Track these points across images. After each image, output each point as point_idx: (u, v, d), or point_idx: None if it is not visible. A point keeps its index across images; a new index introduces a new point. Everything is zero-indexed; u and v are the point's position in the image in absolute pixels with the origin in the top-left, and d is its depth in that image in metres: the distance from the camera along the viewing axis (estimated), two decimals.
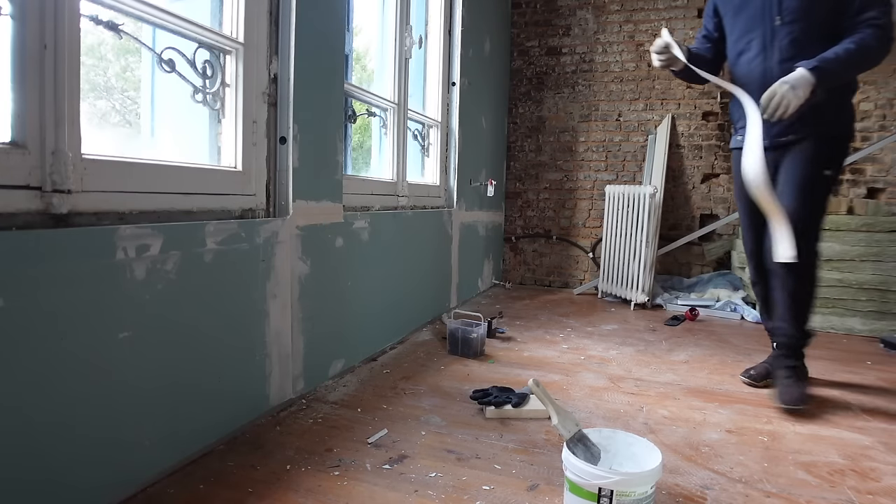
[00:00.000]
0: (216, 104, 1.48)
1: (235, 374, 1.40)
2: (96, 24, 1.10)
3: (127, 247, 1.07)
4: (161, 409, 1.18)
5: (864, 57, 1.61)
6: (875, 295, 2.81)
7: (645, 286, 3.27)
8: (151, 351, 1.14)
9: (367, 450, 1.37)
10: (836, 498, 1.22)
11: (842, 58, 1.59)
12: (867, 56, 1.62)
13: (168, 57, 1.31)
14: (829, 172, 1.73)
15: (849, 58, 1.59)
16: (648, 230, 3.25)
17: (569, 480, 1.05)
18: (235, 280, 1.38)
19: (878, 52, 1.62)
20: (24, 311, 0.89)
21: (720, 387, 1.94)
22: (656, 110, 3.73)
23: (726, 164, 3.61)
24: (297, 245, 1.63)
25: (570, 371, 2.06)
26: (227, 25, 1.49)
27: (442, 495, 1.17)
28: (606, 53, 3.80)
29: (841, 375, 2.12)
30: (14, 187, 0.93)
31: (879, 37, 1.60)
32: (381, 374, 1.96)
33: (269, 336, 1.51)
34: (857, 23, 1.62)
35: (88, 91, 1.41)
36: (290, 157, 1.59)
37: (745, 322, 3.06)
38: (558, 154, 3.96)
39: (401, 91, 2.48)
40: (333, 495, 1.16)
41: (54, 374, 0.95)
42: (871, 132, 3.32)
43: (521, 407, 1.60)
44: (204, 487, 1.17)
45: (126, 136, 1.59)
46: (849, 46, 1.59)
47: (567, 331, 2.71)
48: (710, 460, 1.38)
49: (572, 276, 4.00)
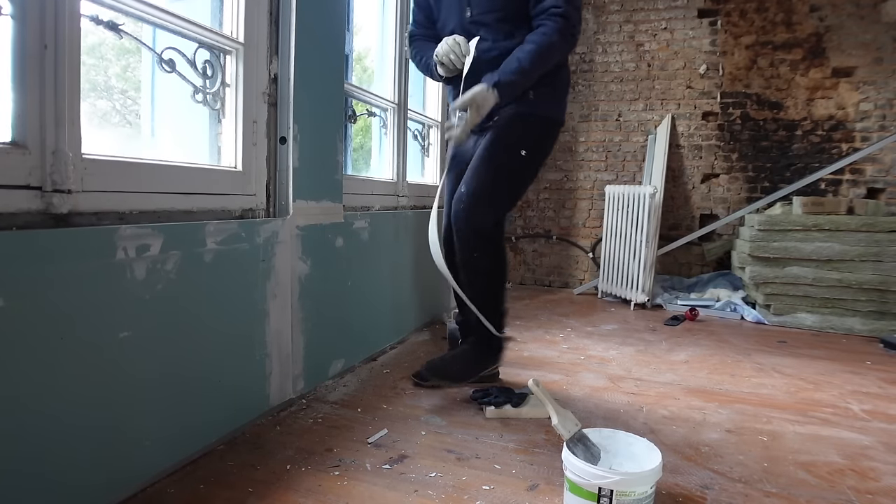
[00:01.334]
0: (216, 104, 1.48)
1: (235, 374, 1.40)
2: (97, 24, 1.10)
3: (127, 247, 1.07)
4: (161, 409, 1.18)
5: (546, 55, 1.57)
6: (875, 295, 2.81)
7: (645, 286, 3.27)
8: (151, 351, 1.14)
9: (367, 450, 1.37)
10: (836, 498, 1.22)
11: (524, 64, 1.55)
12: (550, 53, 1.57)
13: (168, 57, 1.31)
14: (524, 153, 1.69)
15: (531, 60, 1.55)
16: (648, 230, 3.25)
17: (569, 480, 1.05)
18: (235, 280, 1.38)
19: (562, 45, 1.58)
20: (24, 311, 0.89)
21: (720, 387, 1.94)
22: (656, 110, 3.73)
23: (726, 164, 3.62)
24: (298, 245, 1.63)
25: (570, 371, 2.07)
26: (228, 25, 1.49)
27: (442, 495, 1.17)
28: (606, 53, 3.80)
29: (841, 375, 2.12)
30: (14, 187, 0.93)
31: (561, 29, 1.55)
32: (381, 373, 1.96)
33: (269, 336, 1.51)
34: (539, 13, 1.57)
35: (89, 91, 1.41)
36: (290, 157, 1.59)
37: (745, 322, 3.06)
38: (558, 154, 3.96)
39: (401, 91, 2.48)
40: (333, 495, 1.16)
41: (54, 374, 0.95)
42: (871, 132, 3.32)
43: (521, 407, 1.60)
44: (204, 487, 1.17)
45: (126, 136, 1.59)
46: (530, 48, 1.55)
47: (567, 331, 2.71)
48: (709, 460, 1.38)
49: (572, 276, 4.00)
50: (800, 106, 3.44)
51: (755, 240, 3.01)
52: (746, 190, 3.58)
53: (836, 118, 3.38)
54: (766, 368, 2.18)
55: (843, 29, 3.33)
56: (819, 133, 3.42)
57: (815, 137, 3.43)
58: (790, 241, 2.95)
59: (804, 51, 3.41)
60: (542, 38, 1.55)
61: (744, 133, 3.57)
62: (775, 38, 3.46)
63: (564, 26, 1.55)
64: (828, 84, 3.38)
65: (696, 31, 3.62)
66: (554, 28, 1.54)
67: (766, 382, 2.00)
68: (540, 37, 1.55)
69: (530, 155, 1.71)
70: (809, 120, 3.43)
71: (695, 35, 3.62)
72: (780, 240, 2.97)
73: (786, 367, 2.20)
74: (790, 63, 3.44)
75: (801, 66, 3.42)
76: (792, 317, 2.97)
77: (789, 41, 3.43)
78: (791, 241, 2.94)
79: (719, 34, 3.56)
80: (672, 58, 3.67)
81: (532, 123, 1.71)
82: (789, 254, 2.94)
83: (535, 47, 1.55)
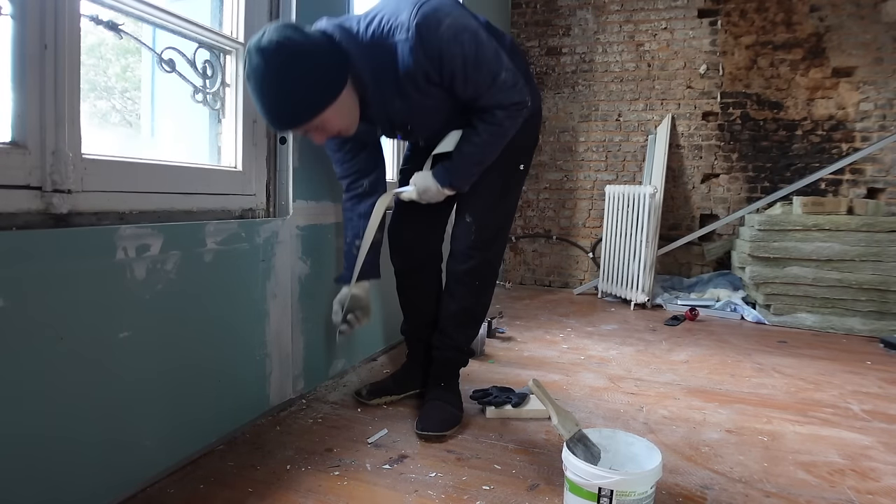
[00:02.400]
0: (216, 104, 1.48)
1: (235, 374, 1.40)
2: (96, 24, 1.10)
3: (127, 247, 1.07)
4: (161, 409, 1.18)
5: (500, 141, 1.39)
6: (875, 295, 2.81)
7: (645, 286, 3.27)
8: (151, 351, 1.14)
9: (367, 450, 1.37)
10: (836, 498, 1.22)
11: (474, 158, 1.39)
12: (503, 138, 1.39)
13: (168, 57, 1.31)
14: (521, 167, 1.58)
15: (484, 153, 1.39)
16: (648, 230, 3.25)
17: (569, 480, 1.05)
18: (235, 280, 1.38)
19: (514, 125, 1.38)
20: (24, 311, 0.89)
21: (720, 387, 1.94)
22: (656, 110, 3.73)
23: (726, 164, 3.61)
24: (298, 245, 1.63)
25: (570, 371, 2.06)
26: (228, 25, 1.49)
27: (442, 495, 1.17)
28: (606, 53, 3.80)
29: (841, 375, 2.12)
30: (14, 187, 0.93)
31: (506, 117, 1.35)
32: (381, 373, 1.96)
33: (269, 336, 1.51)
34: (480, 111, 1.35)
35: (89, 91, 1.41)
36: (290, 157, 1.59)
37: (745, 322, 3.06)
38: (558, 154, 3.96)
39: None
40: (333, 495, 1.16)
41: (54, 374, 0.95)
42: (871, 132, 3.32)
43: (521, 407, 1.60)
44: (204, 487, 1.17)
45: (126, 136, 1.59)
46: (480, 141, 1.37)
47: (567, 331, 2.71)
48: (709, 460, 1.38)
49: (572, 276, 4.00)
50: (800, 106, 3.44)
51: (755, 240, 3.01)
52: (746, 190, 3.58)
53: (836, 118, 3.38)
54: (766, 368, 2.18)
55: (843, 29, 3.33)
56: (819, 133, 3.42)
57: (816, 137, 3.43)
58: (790, 241, 2.95)
59: (804, 51, 3.41)
60: (491, 129, 1.36)
61: (744, 133, 3.56)
62: (775, 38, 3.46)
63: (509, 113, 1.35)
64: (828, 84, 3.38)
65: (696, 31, 3.62)
66: (501, 117, 1.35)
67: (766, 382, 2.00)
68: (488, 128, 1.36)
69: (526, 160, 1.61)
70: (809, 120, 3.43)
71: (695, 35, 3.62)
72: (780, 240, 2.97)
73: (786, 367, 2.20)
74: (790, 63, 3.44)
75: (801, 66, 3.42)
76: (792, 317, 2.97)
77: (789, 41, 3.43)
78: (791, 241, 2.94)
79: (719, 34, 3.56)
80: (672, 58, 3.67)
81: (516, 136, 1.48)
82: (789, 254, 2.94)
83: (486, 138, 1.37)
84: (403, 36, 1.20)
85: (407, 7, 1.21)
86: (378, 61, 1.25)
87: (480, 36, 1.26)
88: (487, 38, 1.28)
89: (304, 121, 1.20)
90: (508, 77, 1.30)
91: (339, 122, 1.27)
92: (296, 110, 1.18)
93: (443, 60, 1.23)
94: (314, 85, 1.18)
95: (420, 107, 1.34)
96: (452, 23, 1.21)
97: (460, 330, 1.61)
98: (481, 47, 1.25)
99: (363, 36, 1.25)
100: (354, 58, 1.23)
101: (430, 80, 1.27)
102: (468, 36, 1.23)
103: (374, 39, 1.24)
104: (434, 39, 1.20)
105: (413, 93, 1.30)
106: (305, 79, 1.16)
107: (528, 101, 1.36)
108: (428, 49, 1.21)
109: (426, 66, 1.23)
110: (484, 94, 1.30)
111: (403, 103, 1.33)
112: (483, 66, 1.26)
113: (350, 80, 1.24)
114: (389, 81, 1.28)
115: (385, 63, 1.25)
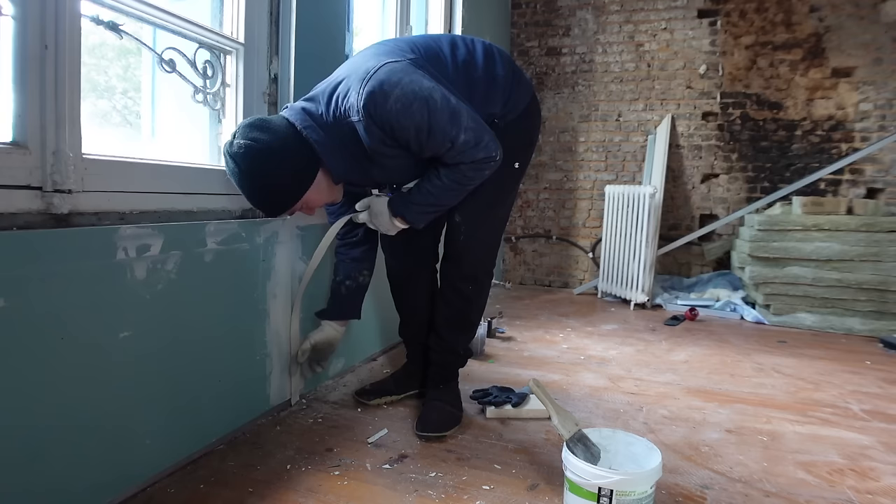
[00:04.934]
0: (217, 104, 1.48)
1: (236, 374, 1.40)
2: (97, 25, 1.11)
3: (127, 247, 1.07)
4: (161, 409, 1.18)
5: (463, 189, 1.36)
6: (874, 295, 2.81)
7: (645, 286, 3.28)
8: (151, 351, 1.14)
9: (367, 450, 1.37)
10: (836, 497, 1.22)
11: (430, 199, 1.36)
12: (467, 186, 1.35)
13: (168, 57, 1.31)
14: (517, 165, 1.52)
15: (438, 197, 1.36)
16: (648, 230, 3.25)
17: (569, 480, 1.05)
18: (236, 280, 1.38)
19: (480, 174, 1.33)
20: (25, 311, 0.89)
21: (720, 387, 1.94)
22: (656, 110, 3.73)
23: (726, 164, 3.62)
24: (298, 245, 1.63)
25: (570, 371, 2.07)
26: (228, 26, 1.49)
27: (442, 495, 1.17)
28: (606, 54, 3.81)
29: (840, 375, 2.12)
30: (15, 187, 0.93)
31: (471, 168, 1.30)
32: (381, 373, 1.96)
33: (269, 336, 1.51)
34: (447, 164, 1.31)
35: (89, 91, 1.41)
36: None
37: (745, 322, 3.06)
38: (558, 154, 3.96)
39: None
40: (334, 495, 1.16)
41: (54, 374, 0.95)
42: (871, 132, 3.33)
43: (521, 407, 1.60)
44: (204, 487, 1.17)
45: (127, 136, 1.59)
46: (442, 185, 1.33)
47: (567, 331, 2.71)
48: (709, 460, 1.38)
49: (572, 276, 4.00)
50: (799, 106, 3.44)
51: (755, 240, 3.02)
52: (746, 190, 3.59)
53: (835, 118, 3.38)
54: (766, 368, 2.18)
55: (842, 29, 3.33)
56: (819, 133, 3.42)
57: (815, 137, 3.43)
58: (790, 241, 2.95)
59: (804, 51, 3.41)
60: (455, 177, 1.32)
61: (743, 133, 3.57)
62: (775, 38, 3.46)
63: (475, 166, 1.30)
64: (827, 84, 3.38)
65: (695, 31, 3.62)
66: (465, 170, 1.31)
67: (766, 382, 2.01)
68: (451, 176, 1.32)
69: (522, 159, 1.56)
70: (809, 120, 3.43)
71: (695, 35, 3.62)
72: (779, 240, 2.97)
73: (786, 367, 2.20)
74: (790, 63, 3.44)
75: (801, 66, 3.42)
76: (792, 317, 2.97)
77: (789, 41, 3.44)
78: (791, 241, 2.95)
79: (719, 34, 3.57)
80: (672, 58, 3.68)
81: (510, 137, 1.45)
82: (789, 254, 2.94)
83: (448, 183, 1.33)
84: (356, 117, 1.22)
85: (356, 83, 1.22)
86: (346, 138, 1.28)
87: (433, 102, 1.21)
88: (443, 99, 1.22)
89: (286, 208, 1.29)
90: (469, 137, 1.25)
91: (323, 198, 1.36)
92: (274, 201, 1.27)
93: (395, 133, 1.24)
94: (288, 178, 1.25)
95: (395, 167, 1.37)
96: (400, 94, 1.19)
97: (456, 333, 1.61)
98: (434, 114, 1.21)
99: (326, 117, 1.28)
100: (322, 143, 1.26)
101: (395, 145, 1.28)
102: (418, 105, 1.20)
103: (336, 120, 1.27)
104: (383, 114, 1.21)
105: (384, 159, 1.32)
106: (277, 175, 1.23)
107: (495, 156, 1.30)
108: (380, 124, 1.23)
109: (383, 138, 1.26)
110: (444, 155, 1.28)
111: (379, 168, 1.36)
112: (437, 133, 1.23)
113: (321, 164, 1.29)
114: (361, 153, 1.31)
115: (352, 138, 1.28)
